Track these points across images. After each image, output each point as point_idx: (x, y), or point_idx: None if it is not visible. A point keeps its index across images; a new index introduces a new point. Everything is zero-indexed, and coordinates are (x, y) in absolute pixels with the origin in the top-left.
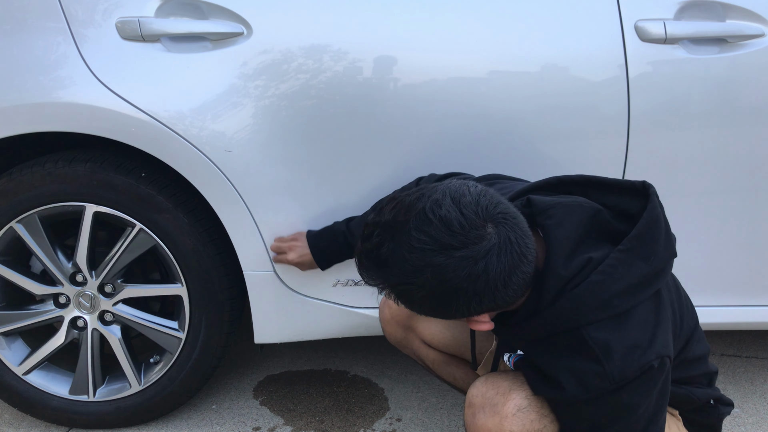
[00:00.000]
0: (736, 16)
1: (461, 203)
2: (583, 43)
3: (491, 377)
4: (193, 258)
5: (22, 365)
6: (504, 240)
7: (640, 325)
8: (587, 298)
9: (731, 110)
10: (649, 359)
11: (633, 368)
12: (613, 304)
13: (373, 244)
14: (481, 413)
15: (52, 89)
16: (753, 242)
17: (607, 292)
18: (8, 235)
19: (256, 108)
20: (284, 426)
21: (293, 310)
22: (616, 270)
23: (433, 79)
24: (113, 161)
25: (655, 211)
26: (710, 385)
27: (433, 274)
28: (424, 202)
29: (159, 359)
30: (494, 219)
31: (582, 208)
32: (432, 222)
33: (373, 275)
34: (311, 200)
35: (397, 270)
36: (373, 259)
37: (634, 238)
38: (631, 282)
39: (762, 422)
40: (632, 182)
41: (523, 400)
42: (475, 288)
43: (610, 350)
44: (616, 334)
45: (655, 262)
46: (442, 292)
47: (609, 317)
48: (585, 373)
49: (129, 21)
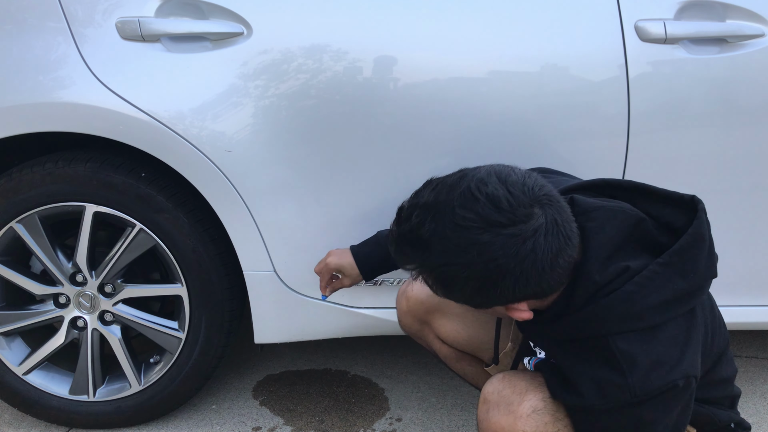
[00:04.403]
0: (736, 16)
1: (507, 182)
2: (583, 43)
3: (508, 375)
4: (193, 258)
5: (22, 365)
6: (551, 221)
7: (670, 341)
8: (618, 308)
9: (731, 110)
10: (675, 378)
11: (656, 384)
12: (643, 317)
13: (412, 224)
14: (496, 410)
15: (52, 89)
16: (753, 242)
17: (639, 304)
18: (8, 235)
19: (256, 108)
20: (284, 426)
21: (293, 310)
22: (652, 283)
23: (433, 79)
24: (113, 161)
25: (701, 228)
26: (732, 407)
27: (479, 253)
28: (468, 181)
29: (159, 359)
30: (540, 200)
31: (625, 214)
32: (478, 200)
33: (410, 258)
34: (311, 200)
35: (439, 250)
36: (411, 240)
37: (675, 253)
38: (665, 297)
39: (762, 422)
40: (681, 195)
41: (539, 401)
42: (522, 268)
43: (635, 363)
44: (643, 348)
45: (694, 280)
46: (488, 272)
47: (638, 329)
48: (606, 383)
49: (129, 21)
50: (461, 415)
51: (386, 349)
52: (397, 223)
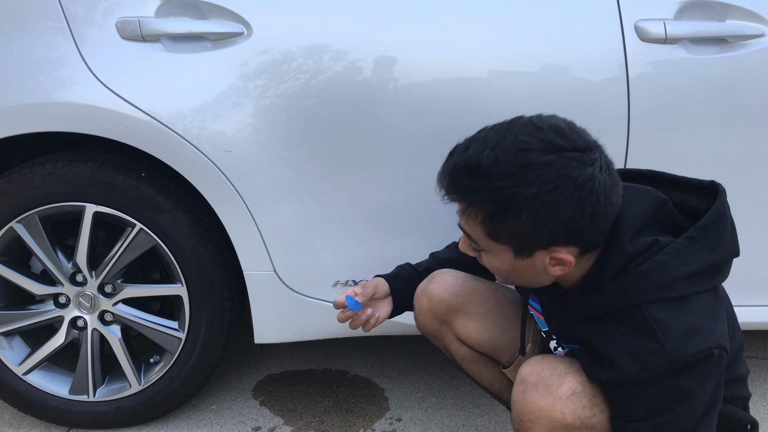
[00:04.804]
0: (736, 16)
1: (566, 121)
2: (583, 43)
3: (547, 357)
4: (193, 258)
5: (22, 365)
6: (605, 160)
7: (701, 312)
8: (650, 277)
9: (731, 110)
10: (710, 345)
11: (692, 351)
12: (675, 287)
13: (469, 154)
14: (534, 391)
15: (52, 89)
16: (753, 242)
17: (670, 273)
18: (8, 235)
19: (256, 108)
20: (284, 426)
21: (293, 310)
22: (681, 254)
23: (433, 79)
24: (113, 161)
25: (722, 206)
26: (745, 410)
27: (539, 174)
28: (528, 117)
29: (159, 359)
30: (593, 141)
31: (650, 194)
32: (541, 128)
33: (465, 188)
34: (311, 200)
35: (498, 174)
36: (469, 167)
37: (700, 228)
38: (694, 268)
39: (762, 422)
40: (701, 181)
41: (578, 384)
42: (580, 194)
43: (669, 330)
44: (676, 315)
45: (719, 254)
46: (546, 195)
47: (670, 299)
48: (642, 352)
49: (129, 21)
50: (461, 415)
51: (386, 349)
52: (450, 158)
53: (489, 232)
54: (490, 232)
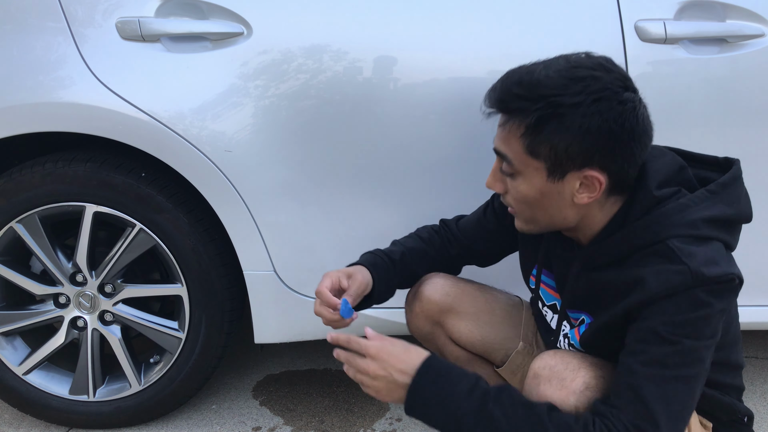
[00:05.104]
0: (736, 16)
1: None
2: (583, 43)
3: (560, 352)
4: (193, 258)
5: (22, 365)
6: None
7: (721, 252)
8: (675, 216)
9: (731, 110)
10: (733, 271)
11: (714, 273)
12: (698, 226)
13: (522, 68)
14: (547, 385)
15: (52, 89)
16: (753, 242)
17: (693, 214)
18: (8, 235)
19: (256, 108)
20: (284, 426)
21: (293, 310)
22: (702, 201)
23: (433, 79)
24: (113, 161)
25: (738, 172)
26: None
27: (588, 85)
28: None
29: (159, 359)
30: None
31: (673, 157)
32: (591, 55)
33: (514, 95)
34: (311, 200)
35: (548, 84)
36: (521, 78)
37: (719, 184)
38: (715, 215)
39: (762, 422)
40: (716, 157)
41: (592, 378)
42: (623, 111)
43: (693, 255)
44: (699, 249)
45: (737, 210)
46: (593, 104)
47: (692, 237)
48: (667, 272)
49: (129, 21)
50: None
51: None
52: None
53: (528, 145)
54: (530, 144)
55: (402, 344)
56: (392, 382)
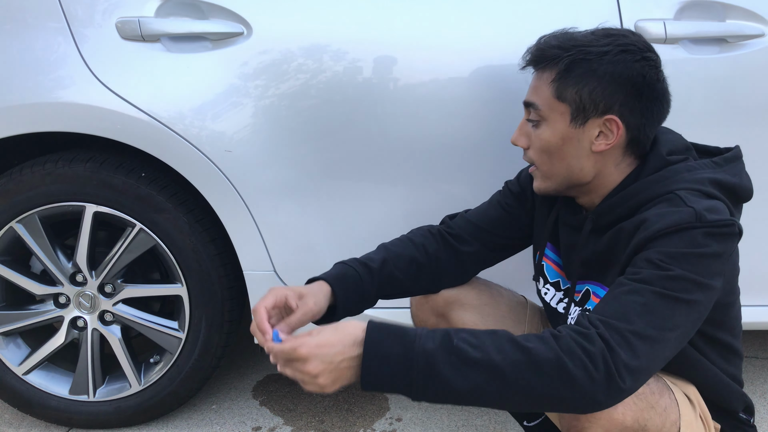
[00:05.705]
0: (736, 16)
1: None
2: None
3: None
4: (193, 258)
5: (22, 365)
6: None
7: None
8: (683, 173)
9: (731, 110)
10: (735, 220)
11: (717, 217)
12: (704, 183)
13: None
14: None
15: (52, 89)
16: (753, 242)
17: (700, 173)
18: (8, 235)
19: (256, 108)
20: (284, 426)
21: None
22: (708, 167)
23: (433, 79)
24: (113, 161)
25: (739, 152)
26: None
27: (621, 37)
28: None
29: (159, 359)
30: None
31: (681, 137)
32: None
33: (550, 46)
34: (311, 200)
35: (582, 40)
36: (558, 34)
37: (723, 158)
38: (720, 179)
39: (762, 422)
40: (717, 147)
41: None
42: (645, 65)
43: (699, 202)
44: (704, 200)
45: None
46: (620, 54)
47: (699, 192)
48: (673, 213)
49: (129, 21)
50: (461, 415)
51: None
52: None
53: (556, 89)
54: (558, 88)
55: (327, 329)
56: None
